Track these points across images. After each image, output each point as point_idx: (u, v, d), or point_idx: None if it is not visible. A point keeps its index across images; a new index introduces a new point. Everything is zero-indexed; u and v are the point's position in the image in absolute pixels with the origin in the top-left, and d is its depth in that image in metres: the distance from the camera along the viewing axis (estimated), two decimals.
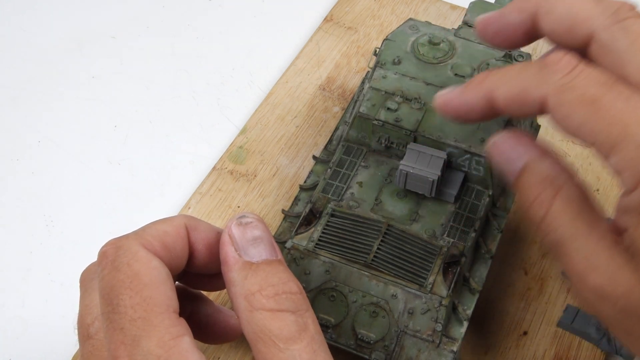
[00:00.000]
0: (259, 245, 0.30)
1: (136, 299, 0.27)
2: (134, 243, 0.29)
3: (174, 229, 0.31)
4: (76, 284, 0.46)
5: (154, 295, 0.28)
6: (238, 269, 0.29)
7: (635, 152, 0.27)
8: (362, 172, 0.42)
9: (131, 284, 0.28)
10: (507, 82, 0.31)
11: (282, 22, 0.63)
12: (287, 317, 0.28)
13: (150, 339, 0.27)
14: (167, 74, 0.59)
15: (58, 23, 0.62)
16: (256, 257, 0.30)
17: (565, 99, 0.29)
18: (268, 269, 0.29)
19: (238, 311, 0.29)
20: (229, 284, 0.30)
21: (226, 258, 0.30)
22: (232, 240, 0.30)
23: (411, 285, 0.37)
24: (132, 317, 0.27)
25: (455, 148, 0.40)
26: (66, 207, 0.50)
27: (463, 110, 0.33)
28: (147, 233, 0.30)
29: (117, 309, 0.27)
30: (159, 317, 0.27)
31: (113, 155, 0.53)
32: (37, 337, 0.44)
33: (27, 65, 0.59)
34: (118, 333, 0.27)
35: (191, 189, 0.51)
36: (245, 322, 0.28)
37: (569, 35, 0.32)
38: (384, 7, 0.63)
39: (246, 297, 0.29)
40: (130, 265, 0.28)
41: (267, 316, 0.28)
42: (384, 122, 0.41)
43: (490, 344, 0.43)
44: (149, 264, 0.28)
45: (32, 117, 0.55)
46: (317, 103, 0.55)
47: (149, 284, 0.28)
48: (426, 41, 0.45)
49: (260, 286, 0.29)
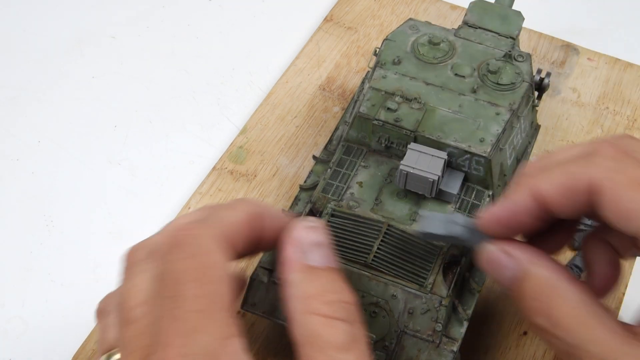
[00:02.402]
0: (320, 251, 0.30)
1: (200, 292, 0.27)
2: (207, 235, 0.29)
3: (243, 219, 0.30)
4: (76, 284, 0.47)
5: (217, 292, 0.27)
6: (298, 271, 0.29)
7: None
8: (362, 172, 0.42)
9: (197, 276, 0.27)
10: (551, 174, 0.31)
11: (282, 22, 0.63)
12: (340, 326, 0.28)
13: (205, 334, 0.26)
14: (167, 74, 0.58)
15: (58, 23, 0.62)
16: (316, 262, 0.30)
17: (615, 180, 0.29)
18: (327, 276, 0.30)
19: (291, 312, 0.29)
20: (287, 284, 0.30)
21: (287, 258, 0.30)
22: (296, 241, 0.30)
23: (411, 285, 0.37)
24: (192, 309, 0.27)
25: (455, 148, 0.40)
26: (66, 207, 0.50)
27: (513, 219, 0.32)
28: (219, 224, 0.29)
29: (178, 298, 0.27)
30: (218, 315, 0.27)
31: (113, 155, 0.53)
32: (37, 337, 0.44)
33: (27, 65, 0.59)
34: (173, 322, 0.26)
35: (191, 189, 0.51)
36: (297, 323, 0.28)
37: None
38: (384, 7, 0.63)
39: (303, 299, 0.29)
40: (200, 257, 0.28)
41: (320, 321, 0.28)
42: (384, 122, 0.41)
43: (490, 344, 0.43)
44: (218, 260, 0.28)
45: (32, 117, 0.55)
46: (317, 103, 0.55)
47: (215, 280, 0.28)
48: (426, 41, 0.45)
49: (318, 291, 0.29)
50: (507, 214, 0.32)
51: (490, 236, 0.33)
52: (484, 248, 0.33)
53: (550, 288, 0.30)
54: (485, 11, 0.48)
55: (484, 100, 0.42)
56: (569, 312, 0.29)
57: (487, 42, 0.46)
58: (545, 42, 0.60)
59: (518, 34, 0.47)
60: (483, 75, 0.43)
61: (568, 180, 0.30)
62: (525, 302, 0.31)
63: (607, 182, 0.29)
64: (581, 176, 0.30)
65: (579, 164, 0.30)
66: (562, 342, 0.29)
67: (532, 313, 0.30)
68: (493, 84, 0.43)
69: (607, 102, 0.56)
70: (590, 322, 0.29)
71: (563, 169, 0.31)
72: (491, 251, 0.33)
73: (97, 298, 0.46)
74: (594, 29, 0.63)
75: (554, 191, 0.30)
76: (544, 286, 0.30)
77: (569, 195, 0.30)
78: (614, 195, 0.29)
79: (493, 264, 0.33)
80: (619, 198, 0.28)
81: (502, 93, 0.43)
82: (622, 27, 0.63)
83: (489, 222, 0.33)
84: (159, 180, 0.52)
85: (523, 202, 0.31)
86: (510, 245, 0.32)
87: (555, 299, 0.30)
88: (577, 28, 0.63)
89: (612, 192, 0.29)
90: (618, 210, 0.29)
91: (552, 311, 0.30)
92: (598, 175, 0.29)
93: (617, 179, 0.29)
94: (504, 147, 0.41)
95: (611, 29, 0.63)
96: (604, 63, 0.58)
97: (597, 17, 0.64)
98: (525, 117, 0.44)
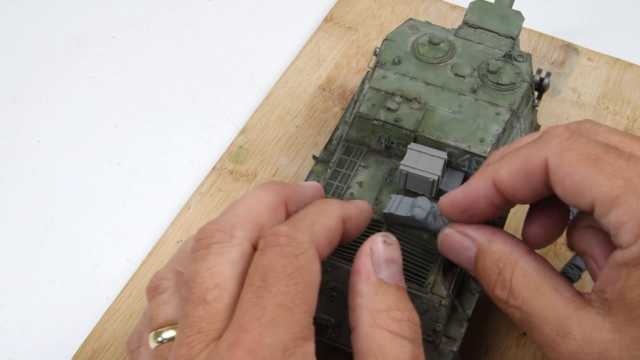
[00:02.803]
0: (392, 268, 0.31)
1: (291, 289, 0.28)
2: (307, 240, 0.29)
3: (336, 224, 0.31)
4: (76, 284, 0.47)
5: (305, 295, 0.28)
6: (371, 283, 0.30)
7: (638, 204, 0.27)
8: (362, 172, 0.42)
9: (292, 275, 0.28)
10: (507, 160, 0.32)
11: (282, 22, 0.63)
12: (406, 345, 0.29)
13: (284, 329, 0.27)
14: (167, 74, 0.59)
15: (58, 23, 0.62)
16: (388, 278, 0.31)
17: (566, 158, 0.29)
18: (397, 294, 0.30)
19: (358, 322, 0.30)
20: (356, 293, 0.30)
21: (361, 268, 0.31)
22: (372, 254, 0.31)
23: (411, 285, 0.37)
24: (280, 302, 0.27)
25: (455, 148, 0.40)
26: (66, 207, 0.50)
27: (471, 205, 0.33)
28: (317, 230, 0.30)
29: (270, 289, 0.27)
30: (301, 315, 0.28)
31: (113, 155, 0.53)
32: (37, 337, 0.44)
33: (27, 65, 0.59)
34: (259, 310, 0.27)
35: (191, 189, 0.51)
36: (363, 334, 0.29)
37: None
38: (384, 7, 0.63)
39: (372, 312, 0.29)
40: (298, 258, 0.28)
41: (387, 337, 0.29)
42: (384, 122, 0.41)
43: (490, 344, 0.43)
44: (313, 265, 0.29)
45: (32, 117, 0.55)
46: (317, 103, 0.55)
47: (306, 282, 0.28)
48: (426, 41, 0.45)
49: (389, 307, 0.30)
50: (465, 199, 0.33)
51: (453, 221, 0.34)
52: (441, 232, 0.34)
53: (505, 260, 0.31)
54: (485, 11, 0.48)
55: (484, 100, 0.42)
56: (523, 281, 0.30)
57: (487, 42, 0.46)
58: (545, 42, 0.60)
59: (518, 34, 0.47)
60: (483, 75, 0.43)
61: (523, 163, 0.31)
62: (484, 278, 0.32)
63: (557, 159, 0.29)
64: (535, 158, 0.30)
65: (533, 147, 0.31)
66: (519, 310, 0.30)
67: (491, 287, 0.31)
68: (493, 84, 0.43)
69: (607, 102, 0.56)
70: (545, 290, 0.30)
71: (518, 153, 0.31)
72: (448, 234, 0.34)
73: (97, 298, 0.46)
74: (594, 29, 0.63)
75: (512, 175, 0.31)
76: (499, 259, 0.31)
77: (525, 178, 0.31)
78: (564, 171, 0.29)
79: (451, 247, 0.34)
80: (569, 174, 0.29)
81: (502, 93, 0.43)
82: (622, 27, 0.63)
83: (447, 206, 0.34)
84: (159, 180, 0.52)
85: (482, 188, 0.32)
86: (467, 227, 0.33)
87: (510, 269, 0.31)
88: (577, 28, 0.63)
89: (562, 169, 0.29)
90: (569, 187, 0.29)
91: (507, 282, 0.31)
92: (549, 155, 0.30)
93: (567, 156, 0.29)
94: None
95: (611, 29, 0.63)
96: (604, 63, 0.58)
97: (597, 17, 0.64)
98: (525, 117, 0.44)
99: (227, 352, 0.26)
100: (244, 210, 0.31)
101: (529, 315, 0.30)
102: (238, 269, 0.29)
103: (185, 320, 0.28)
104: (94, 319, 0.45)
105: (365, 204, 0.35)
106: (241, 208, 0.31)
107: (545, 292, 0.29)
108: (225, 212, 0.31)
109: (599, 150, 0.29)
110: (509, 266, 0.31)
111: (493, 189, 0.32)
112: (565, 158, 0.29)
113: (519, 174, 0.31)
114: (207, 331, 0.28)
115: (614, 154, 0.29)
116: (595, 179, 0.28)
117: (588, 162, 0.29)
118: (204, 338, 0.27)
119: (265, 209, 0.31)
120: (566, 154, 0.29)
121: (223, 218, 0.31)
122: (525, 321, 0.30)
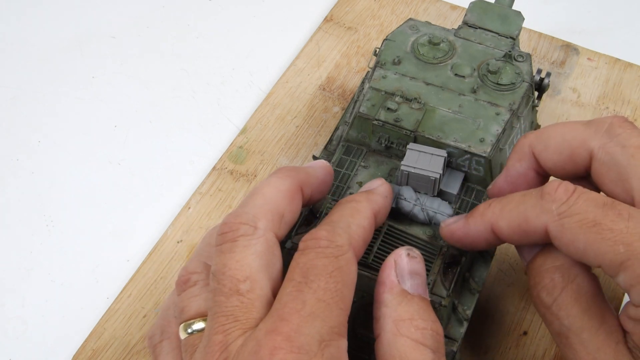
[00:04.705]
0: (416, 280, 0.32)
1: (330, 286, 0.29)
2: (346, 243, 0.30)
3: (369, 223, 0.33)
4: (76, 284, 0.47)
5: (343, 293, 0.29)
6: (395, 293, 0.31)
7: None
8: (362, 172, 0.42)
9: (332, 273, 0.29)
10: (508, 213, 0.33)
11: (282, 22, 0.63)
12: (428, 353, 0.30)
13: (323, 322, 0.28)
14: (167, 74, 0.59)
15: (58, 23, 0.62)
16: (412, 289, 0.32)
17: (566, 226, 0.30)
18: (421, 304, 0.31)
19: (381, 330, 0.31)
20: (380, 303, 0.31)
21: (385, 279, 0.32)
22: (396, 266, 0.32)
23: None
24: (319, 297, 0.28)
25: (455, 148, 0.40)
26: (66, 207, 0.50)
27: (468, 241, 0.35)
28: (353, 232, 0.31)
29: (311, 284, 0.29)
30: (338, 312, 0.29)
31: (113, 155, 0.53)
32: (37, 337, 0.44)
33: (27, 65, 0.59)
34: (298, 302, 0.28)
35: (191, 189, 0.51)
36: (386, 342, 0.30)
37: (571, 163, 0.33)
38: (384, 7, 0.63)
39: (396, 321, 0.30)
40: (338, 259, 0.30)
41: (410, 345, 0.30)
42: (384, 122, 0.41)
43: (490, 344, 0.43)
44: (351, 267, 0.30)
45: (32, 117, 0.55)
46: (317, 103, 0.55)
47: (344, 282, 0.29)
48: (426, 41, 0.45)
49: (412, 316, 0.30)
50: (466, 238, 0.35)
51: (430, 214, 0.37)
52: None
53: (565, 270, 0.32)
54: (485, 11, 0.48)
55: (484, 100, 0.42)
56: (576, 297, 0.31)
57: (487, 42, 0.46)
58: (545, 42, 0.60)
59: (518, 34, 0.47)
60: (483, 75, 0.43)
61: (523, 223, 0.32)
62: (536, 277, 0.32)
63: (557, 226, 0.30)
64: (535, 222, 0.31)
65: (533, 208, 0.32)
66: (559, 322, 0.31)
67: (538, 288, 0.32)
68: (493, 84, 0.43)
69: (607, 102, 0.56)
70: (593, 314, 0.30)
71: (519, 209, 0.32)
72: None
73: (97, 298, 0.46)
74: (594, 29, 0.63)
75: (511, 230, 0.33)
76: (560, 266, 0.32)
77: (524, 236, 0.32)
78: (566, 238, 0.30)
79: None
80: (571, 241, 0.30)
81: (502, 93, 0.43)
82: (622, 27, 0.63)
83: (447, 236, 0.36)
84: (159, 180, 0.52)
85: (481, 232, 0.34)
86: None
87: (567, 280, 0.31)
88: (577, 28, 0.63)
89: (564, 236, 0.30)
90: (573, 252, 0.30)
91: (558, 291, 0.31)
92: (549, 222, 0.31)
93: (566, 223, 0.30)
94: (504, 147, 0.41)
95: (611, 29, 0.63)
96: (604, 63, 0.58)
97: (597, 17, 0.64)
98: (525, 117, 0.44)
99: (265, 337, 0.27)
100: (263, 200, 0.32)
101: (569, 331, 0.30)
102: (265, 260, 0.30)
103: (218, 310, 0.29)
104: (94, 319, 0.45)
105: (384, 187, 0.36)
106: (260, 198, 0.32)
107: (593, 316, 0.30)
108: (245, 203, 0.32)
109: (597, 214, 0.29)
110: (566, 277, 0.31)
111: (492, 233, 0.33)
112: (566, 226, 0.30)
113: (518, 230, 0.32)
114: (244, 320, 0.29)
115: (613, 216, 0.29)
116: (597, 247, 0.29)
117: (588, 229, 0.29)
118: (241, 326, 0.29)
119: (283, 196, 0.32)
120: (566, 221, 0.30)
121: (245, 210, 0.32)
122: (563, 335, 0.31)
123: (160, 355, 0.33)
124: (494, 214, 0.33)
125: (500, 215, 0.33)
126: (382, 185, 0.36)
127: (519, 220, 0.32)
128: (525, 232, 0.32)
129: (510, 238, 0.33)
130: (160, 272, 0.46)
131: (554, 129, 0.34)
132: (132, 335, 0.44)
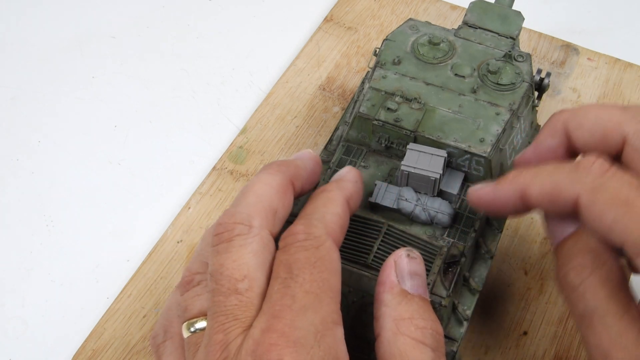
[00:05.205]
0: (416, 280, 0.32)
1: (316, 277, 0.29)
2: (323, 232, 0.31)
3: (343, 209, 0.33)
4: (76, 284, 0.47)
5: (330, 281, 0.30)
6: (394, 293, 0.31)
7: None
8: (362, 172, 0.42)
9: (315, 264, 0.30)
10: (541, 179, 0.33)
11: (282, 22, 0.63)
12: (427, 352, 0.30)
13: (316, 313, 0.29)
14: (167, 74, 0.59)
15: (58, 23, 0.62)
16: (412, 289, 0.32)
17: (598, 199, 0.30)
18: (421, 304, 0.31)
19: (381, 329, 0.31)
20: (380, 302, 0.32)
21: (385, 279, 0.32)
22: (396, 266, 0.32)
23: None
24: (307, 290, 0.29)
25: (455, 148, 0.40)
26: (66, 207, 0.50)
27: (497, 206, 0.35)
28: (329, 220, 0.32)
29: (296, 278, 0.29)
30: (329, 300, 0.29)
31: (113, 155, 0.53)
32: (37, 337, 0.44)
33: (27, 65, 0.59)
34: (288, 298, 0.29)
35: (191, 189, 0.51)
36: (386, 341, 0.30)
37: (603, 145, 0.33)
38: (384, 7, 0.63)
39: (396, 320, 0.31)
40: (318, 249, 0.30)
41: (410, 343, 0.30)
42: (384, 122, 0.41)
43: (490, 344, 0.43)
44: (333, 254, 0.31)
45: (32, 117, 0.55)
46: (317, 103, 0.55)
47: (329, 270, 0.30)
48: (426, 41, 0.45)
49: (412, 315, 0.31)
50: (493, 201, 0.35)
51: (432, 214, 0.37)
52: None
53: (596, 254, 0.31)
54: (485, 11, 0.48)
55: (484, 100, 0.42)
56: (604, 281, 0.30)
57: (487, 42, 0.46)
58: (545, 42, 0.60)
59: (518, 34, 0.47)
60: (483, 75, 0.43)
61: (555, 189, 0.32)
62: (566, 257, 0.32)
63: (589, 198, 0.30)
64: (567, 189, 0.31)
65: (567, 176, 0.32)
66: (584, 304, 0.30)
67: (567, 269, 0.31)
68: (493, 84, 0.43)
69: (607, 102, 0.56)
70: (619, 298, 0.30)
71: (553, 176, 0.32)
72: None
73: (97, 298, 0.46)
74: (594, 29, 0.63)
75: (542, 196, 0.32)
76: (592, 250, 0.31)
77: (554, 203, 0.32)
78: (596, 211, 0.30)
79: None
80: (600, 215, 0.30)
81: (502, 93, 0.43)
82: (622, 27, 0.63)
83: (474, 200, 0.35)
84: (159, 180, 0.52)
85: (510, 195, 0.34)
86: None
87: (597, 264, 0.31)
88: (577, 28, 0.63)
89: (594, 208, 0.30)
90: (599, 227, 0.30)
91: (587, 274, 0.31)
92: (582, 192, 0.31)
93: (599, 197, 0.30)
94: (504, 148, 0.41)
95: (611, 29, 0.63)
96: (604, 63, 0.58)
97: (597, 17, 0.64)
98: (525, 117, 0.44)
99: (261, 336, 0.28)
100: (256, 198, 0.32)
101: (593, 313, 0.30)
102: (261, 259, 0.31)
103: (217, 309, 0.30)
104: (94, 319, 0.45)
105: (352, 173, 0.36)
106: (253, 196, 0.32)
107: (619, 303, 0.30)
108: (238, 202, 0.32)
109: (631, 193, 0.29)
110: (597, 260, 0.31)
111: (520, 198, 0.33)
112: (598, 199, 0.30)
113: (548, 197, 0.32)
114: (243, 318, 0.29)
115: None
116: (625, 223, 0.29)
117: (619, 205, 0.29)
118: (240, 325, 0.29)
119: (275, 192, 0.33)
120: (599, 195, 0.30)
121: (238, 209, 0.32)
122: (587, 317, 0.30)
123: (163, 356, 0.33)
124: (526, 179, 0.33)
125: (532, 181, 0.33)
126: (350, 171, 0.36)
127: (552, 187, 0.32)
128: (556, 199, 0.32)
129: (540, 203, 0.32)
130: (160, 272, 0.46)
131: (590, 109, 0.34)
132: (132, 335, 0.44)
